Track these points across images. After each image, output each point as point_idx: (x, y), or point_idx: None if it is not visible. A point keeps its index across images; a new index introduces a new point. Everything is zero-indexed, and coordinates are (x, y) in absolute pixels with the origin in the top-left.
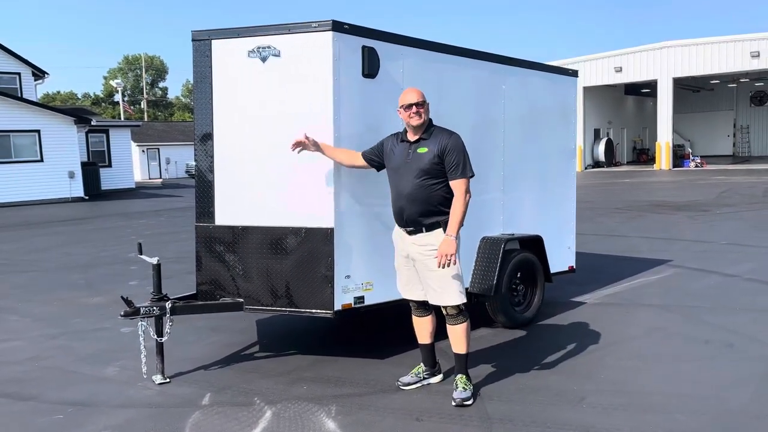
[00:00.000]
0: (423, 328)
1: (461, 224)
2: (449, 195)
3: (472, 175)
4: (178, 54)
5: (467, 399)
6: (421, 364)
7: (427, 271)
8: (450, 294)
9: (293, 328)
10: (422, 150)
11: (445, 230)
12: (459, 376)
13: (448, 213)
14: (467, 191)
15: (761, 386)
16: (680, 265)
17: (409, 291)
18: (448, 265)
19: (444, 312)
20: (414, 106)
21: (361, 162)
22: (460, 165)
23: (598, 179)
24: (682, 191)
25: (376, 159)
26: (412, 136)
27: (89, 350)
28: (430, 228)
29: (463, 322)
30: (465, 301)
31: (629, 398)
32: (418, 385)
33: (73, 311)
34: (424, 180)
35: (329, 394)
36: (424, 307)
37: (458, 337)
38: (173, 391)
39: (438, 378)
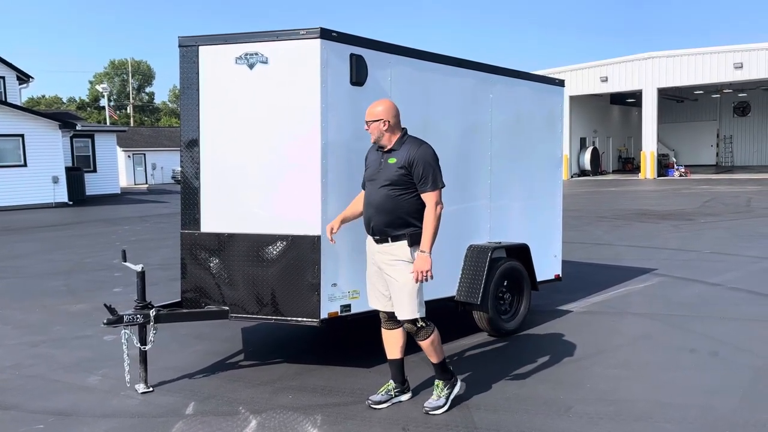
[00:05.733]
0: (392, 341)
1: (434, 238)
2: (418, 206)
3: (443, 186)
4: (165, 59)
5: (435, 408)
6: (391, 381)
7: (390, 280)
8: (402, 308)
9: (279, 336)
10: (391, 160)
11: (409, 243)
12: (437, 381)
13: (415, 225)
14: (438, 203)
15: (747, 394)
16: (665, 273)
17: (377, 301)
18: (426, 280)
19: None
20: (365, 123)
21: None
22: (429, 177)
23: (583, 188)
24: (667, 200)
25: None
26: (384, 146)
27: (71, 358)
28: (396, 239)
29: (425, 338)
30: (418, 316)
31: (616, 407)
32: (389, 403)
33: (56, 318)
34: (391, 190)
35: (315, 404)
36: (394, 319)
37: (426, 351)
38: (156, 401)
39: (407, 396)
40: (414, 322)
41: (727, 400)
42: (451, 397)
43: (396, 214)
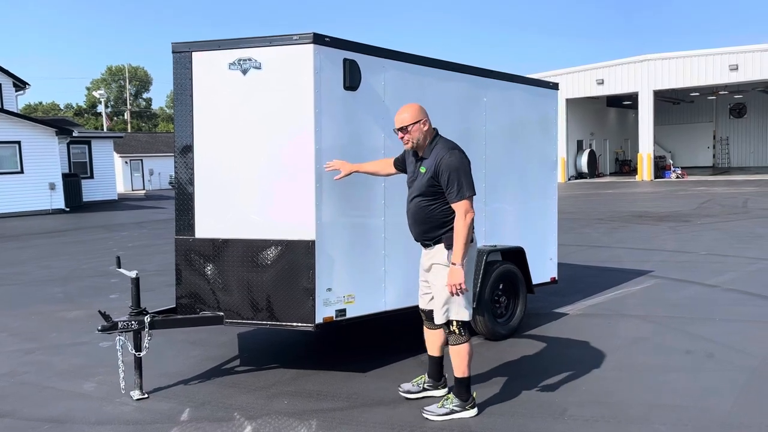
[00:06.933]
0: (431, 340)
1: (466, 249)
2: (449, 212)
3: (472, 194)
4: (162, 65)
5: (433, 414)
6: (425, 375)
7: (431, 283)
8: (437, 311)
9: (275, 341)
10: (422, 169)
11: (446, 245)
12: (449, 394)
13: (449, 228)
14: (467, 212)
15: (742, 395)
16: (662, 275)
17: (420, 299)
18: (460, 294)
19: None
20: (399, 132)
21: (393, 169)
22: (455, 186)
23: (581, 190)
24: (664, 202)
25: (402, 165)
26: (418, 152)
27: (67, 365)
28: (436, 242)
29: (453, 344)
30: (452, 319)
31: (611, 409)
32: (419, 395)
33: (51, 325)
34: (421, 201)
35: (310, 409)
36: (432, 319)
37: (452, 359)
38: (151, 407)
39: (441, 392)
40: (447, 324)
41: (723, 401)
42: (455, 416)
43: (430, 223)
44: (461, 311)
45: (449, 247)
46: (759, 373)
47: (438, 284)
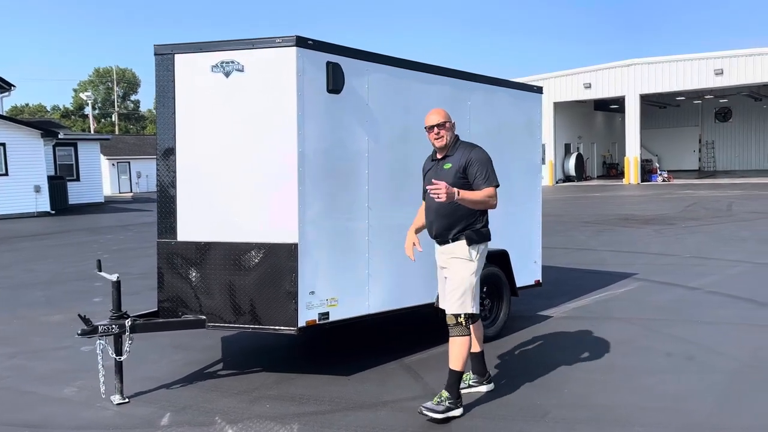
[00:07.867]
0: None
1: (471, 201)
2: (473, 209)
3: (498, 185)
4: (150, 67)
5: (432, 411)
6: (469, 372)
7: (445, 277)
8: (450, 301)
9: (258, 345)
10: (447, 166)
11: (468, 242)
12: (443, 391)
13: (472, 224)
14: (493, 197)
15: (721, 398)
16: (645, 278)
17: (442, 300)
18: (437, 195)
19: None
20: (435, 128)
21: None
22: (484, 174)
23: (568, 193)
24: (650, 205)
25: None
26: (439, 155)
27: (47, 370)
28: (455, 239)
29: (457, 336)
30: (461, 311)
31: (592, 412)
32: (465, 391)
33: (34, 329)
34: None
35: (292, 413)
36: None
37: (450, 350)
38: (132, 412)
39: (487, 387)
40: (456, 316)
41: (702, 403)
42: (449, 413)
43: (454, 216)
44: (467, 307)
45: (470, 243)
46: (740, 376)
47: (456, 277)
